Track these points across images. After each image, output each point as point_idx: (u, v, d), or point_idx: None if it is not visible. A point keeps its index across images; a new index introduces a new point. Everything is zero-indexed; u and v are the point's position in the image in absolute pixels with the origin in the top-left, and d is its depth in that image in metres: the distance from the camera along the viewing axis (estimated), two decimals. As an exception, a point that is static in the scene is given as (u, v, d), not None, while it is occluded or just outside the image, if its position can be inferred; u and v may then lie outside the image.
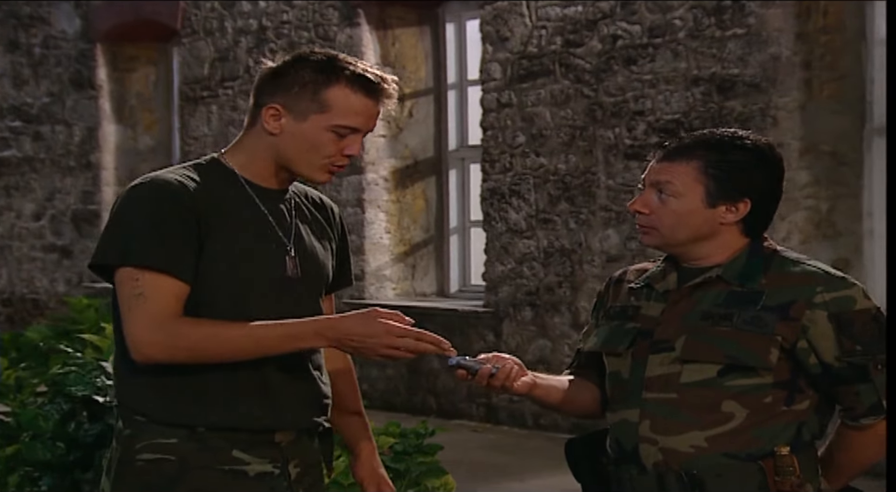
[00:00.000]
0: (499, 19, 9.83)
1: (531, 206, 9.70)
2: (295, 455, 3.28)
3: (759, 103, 8.49)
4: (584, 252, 9.40)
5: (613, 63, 9.21)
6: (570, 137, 9.45)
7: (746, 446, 3.08)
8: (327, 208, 3.46)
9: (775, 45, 8.45)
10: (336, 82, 3.19)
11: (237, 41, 11.80)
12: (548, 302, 9.62)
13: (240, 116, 11.77)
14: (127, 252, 3.14)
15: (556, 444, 9.36)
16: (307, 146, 3.22)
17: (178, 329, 3.12)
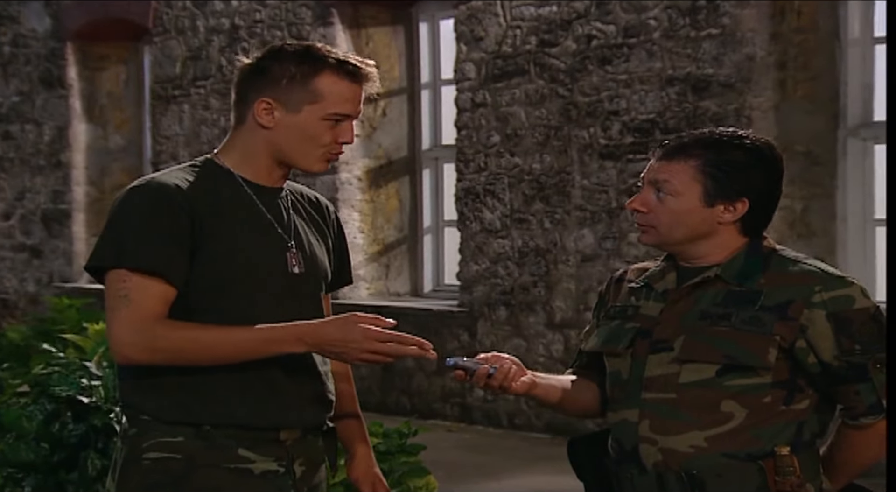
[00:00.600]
0: (473, 19, 9.84)
1: (506, 205, 9.71)
2: (300, 454, 3.29)
3: (734, 103, 8.52)
4: (558, 252, 9.42)
5: (588, 63, 9.22)
6: (544, 136, 9.46)
7: (746, 445, 3.08)
8: (323, 207, 3.47)
9: (750, 46, 8.48)
10: (323, 71, 3.22)
11: (209, 40, 11.76)
12: (522, 301, 9.63)
13: (212, 116, 11.75)
14: (117, 254, 3.17)
15: (530, 444, 9.43)
16: (304, 137, 3.24)
17: (157, 332, 3.13)
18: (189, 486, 3.19)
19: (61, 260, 13.23)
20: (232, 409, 3.21)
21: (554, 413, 9.45)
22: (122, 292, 3.14)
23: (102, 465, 4.56)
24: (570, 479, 8.87)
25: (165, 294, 3.15)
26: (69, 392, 4.61)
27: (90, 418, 4.62)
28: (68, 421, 4.62)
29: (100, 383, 4.65)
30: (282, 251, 3.28)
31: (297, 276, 3.28)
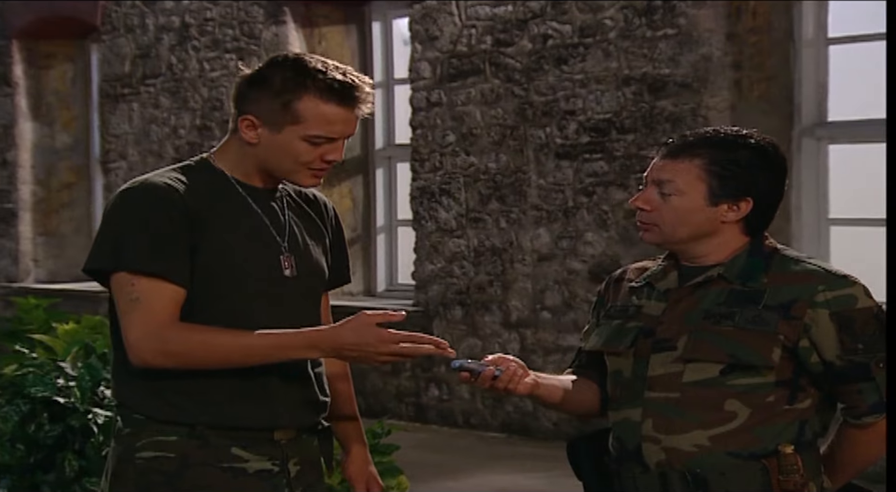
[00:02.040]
0: (428, 18, 9.83)
1: (461, 205, 9.71)
2: (295, 453, 3.28)
3: (691, 103, 8.56)
4: (514, 251, 9.43)
5: (544, 62, 9.24)
6: (500, 136, 9.47)
7: (749, 444, 3.09)
8: (320, 203, 3.45)
9: (706, 46, 8.53)
10: (305, 93, 3.16)
11: (159, 38, 11.69)
12: (478, 301, 9.64)
13: (162, 114, 11.69)
14: (120, 257, 3.15)
15: (486, 443, 9.44)
16: (285, 156, 3.21)
17: (171, 335, 3.12)
18: (183, 485, 3.18)
19: (7, 260, 13.11)
20: (225, 410, 3.20)
21: (508, 412, 9.49)
22: (133, 295, 3.13)
23: (80, 466, 4.53)
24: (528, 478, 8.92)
25: (175, 295, 3.15)
26: (45, 393, 4.57)
27: (67, 418, 4.58)
28: (44, 422, 4.58)
29: (75, 384, 4.62)
30: (275, 254, 3.27)
31: (290, 279, 3.27)
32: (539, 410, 9.33)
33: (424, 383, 9.83)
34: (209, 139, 11.36)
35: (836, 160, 8.46)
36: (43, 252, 13.06)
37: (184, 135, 11.56)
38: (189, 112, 11.50)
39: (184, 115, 11.54)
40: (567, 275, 9.15)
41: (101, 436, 4.55)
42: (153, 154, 11.81)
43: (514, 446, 9.25)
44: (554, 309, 9.23)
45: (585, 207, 9.04)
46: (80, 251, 13.07)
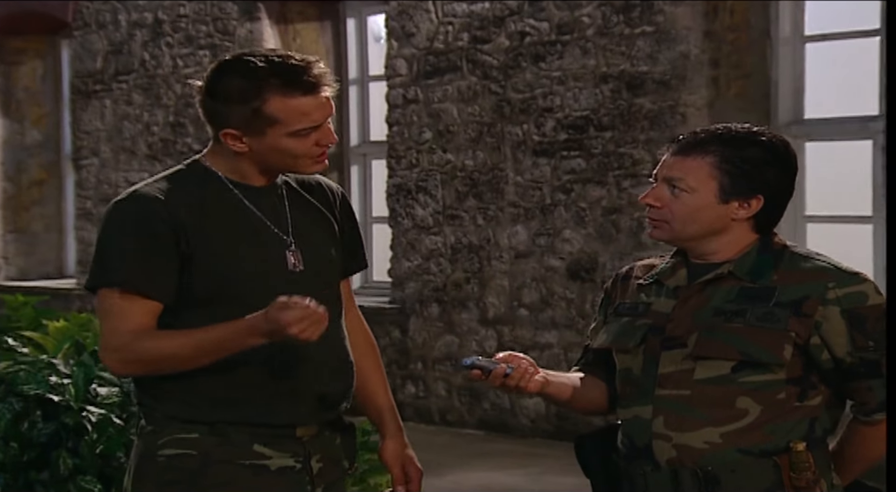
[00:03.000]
0: (404, 15, 9.82)
1: (438, 202, 9.70)
2: (317, 450, 3.27)
3: (669, 101, 8.58)
4: (492, 248, 9.43)
5: (521, 60, 9.24)
6: (477, 133, 9.47)
7: (760, 441, 3.10)
8: (326, 189, 3.40)
9: (684, 43, 8.55)
10: (268, 96, 3.12)
11: (132, 34, 11.63)
12: (455, 298, 9.63)
13: (135, 111, 11.63)
14: (102, 274, 3.20)
15: (464, 440, 9.44)
16: (279, 155, 3.19)
17: (133, 345, 3.15)
18: (204, 482, 3.18)
19: (-23, 257, 13.04)
20: (247, 408, 3.20)
21: (485, 410, 9.49)
22: (107, 308, 3.19)
23: (74, 464, 4.51)
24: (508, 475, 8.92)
25: (148, 309, 3.17)
26: (38, 391, 4.55)
27: (61, 416, 4.56)
28: (38, 420, 4.56)
29: (69, 382, 4.59)
30: (280, 251, 3.24)
31: (299, 274, 3.24)
32: (516, 407, 9.34)
33: (401, 380, 9.82)
34: (183, 136, 11.32)
35: (812, 158, 8.50)
36: (13, 249, 12.98)
37: (157, 132, 11.51)
38: (162, 109, 11.45)
39: (157, 112, 11.49)
40: (545, 272, 9.16)
41: (94, 434, 4.53)
42: (126, 151, 11.76)
43: (491, 443, 9.25)
44: (531, 306, 9.23)
45: (563, 205, 9.05)
46: (50, 249, 13.02)
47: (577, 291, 9.01)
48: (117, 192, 11.82)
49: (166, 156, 11.43)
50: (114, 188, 11.88)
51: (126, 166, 11.76)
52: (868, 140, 8.21)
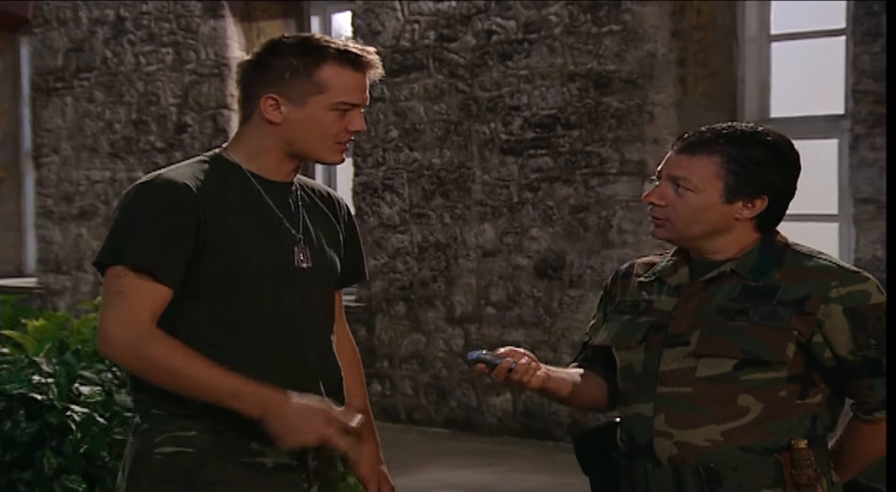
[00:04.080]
0: (370, 13, 9.81)
1: (405, 200, 9.70)
2: (313, 448, 3.25)
3: (636, 99, 8.61)
4: (459, 246, 9.43)
5: (488, 58, 9.25)
6: (444, 131, 9.47)
7: (762, 439, 3.11)
8: (334, 201, 3.45)
9: (651, 42, 8.58)
10: (325, 61, 3.21)
11: (93, 32, 11.56)
12: (422, 296, 9.63)
13: (97, 108, 11.57)
14: (118, 252, 3.15)
15: (430, 438, 9.44)
16: (313, 129, 3.23)
17: (145, 342, 3.12)
18: (201, 480, 3.17)
19: (-65, 255, 12.94)
20: None
21: (452, 408, 9.50)
22: (117, 288, 3.14)
23: (58, 464, 4.48)
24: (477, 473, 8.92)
25: (159, 295, 3.15)
26: (21, 390, 4.51)
27: (44, 415, 4.53)
28: (21, 419, 4.52)
29: (52, 381, 4.56)
30: (289, 246, 3.27)
31: (305, 270, 3.26)
32: (483, 405, 9.35)
33: (367, 378, 9.78)
34: (145, 134, 11.27)
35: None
36: (-28, 247, 12.90)
37: (119, 129, 11.45)
38: (124, 106, 11.39)
39: (119, 110, 11.43)
40: (512, 270, 9.17)
41: (78, 433, 4.50)
42: (87, 149, 11.69)
43: (458, 441, 9.26)
44: (498, 304, 9.24)
45: (530, 203, 9.06)
46: (9, 247, 12.93)
47: (545, 289, 9.02)
48: (78, 190, 11.80)
49: (129, 154, 11.38)
50: (75, 186, 11.82)
51: (88, 164, 11.70)
52: (834, 139, 8.27)
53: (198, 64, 10.91)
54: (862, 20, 7.70)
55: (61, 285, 12.01)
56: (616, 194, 8.69)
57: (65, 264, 12.00)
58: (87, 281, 11.81)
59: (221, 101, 10.79)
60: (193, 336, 3.18)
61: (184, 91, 11.00)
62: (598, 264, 8.79)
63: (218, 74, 10.80)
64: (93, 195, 11.71)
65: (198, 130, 10.89)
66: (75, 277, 11.92)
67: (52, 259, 12.10)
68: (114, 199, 11.48)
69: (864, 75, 7.71)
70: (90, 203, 11.74)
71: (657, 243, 8.65)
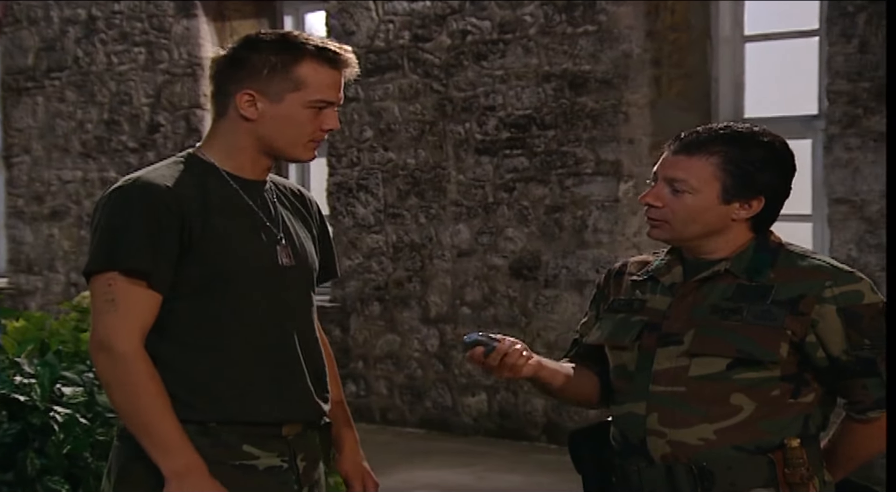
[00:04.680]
0: (344, 13, 9.80)
1: (379, 201, 9.69)
2: (301, 449, 3.26)
3: (611, 99, 8.63)
4: (434, 247, 9.43)
5: (463, 58, 9.25)
6: (419, 131, 9.47)
7: (755, 438, 3.11)
8: (306, 199, 3.44)
9: (626, 43, 8.60)
10: (304, 59, 3.21)
11: (64, 31, 11.51)
12: (397, 296, 9.62)
13: (68, 108, 11.53)
14: (110, 258, 3.13)
15: (405, 439, 9.43)
16: (288, 126, 3.22)
17: (134, 359, 3.10)
18: None
19: None
20: (236, 405, 3.19)
21: (427, 408, 9.49)
22: (109, 296, 3.13)
23: (41, 464, 4.46)
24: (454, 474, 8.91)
25: (152, 301, 3.14)
26: (2, 390, 4.49)
27: (27, 416, 4.50)
28: (3, 420, 4.49)
29: (35, 381, 4.53)
30: (272, 245, 3.25)
31: (288, 269, 3.26)
32: (458, 405, 9.35)
33: (342, 379, 9.77)
34: (117, 134, 11.23)
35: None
36: (-58, 248, 12.81)
37: (91, 129, 11.41)
38: (96, 106, 11.34)
39: (91, 110, 11.38)
40: (487, 270, 9.17)
41: (61, 434, 4.48)
42: (58, 149, 11.64)
43: (433, 441, 9.25)
44: (474, 304, 9.24)
45: (506, 203, 9.07)
46: (-21, 248, 12.85)
47: (520, 289, 9.03)
48: (49, 190, 11.74)
49: (100, 153, 11.34)
50: (46, 186, 11.77)
51: (59, 164, 11.64)
52: (808, 139, 8.30)
53: (170, 63, 10.88)
54: (836, 21, 7.73)
55: (32, 286, 11.95)
56: (591, 194, 8.70)
57: (36, 265, 11.94)
58: (58, 281, 11.76)
59: (194, 101, 10.76)
60: (180, 338, 3.17)
61: (156, 91, 10.96)
62: (573, 264, 8.80)
63: (191, 74, 10.78)
64: (64, 195, 11.66)
65: (170, 130, 10.85)
66: (46, 278, 11.87)
67: (22, 260, 12.04)
68: (85, 199, 11.44)
69: (838, 76, 7.74)
70: (61, 203, 11.69)
71: (631, 243, 8.68)
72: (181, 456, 3.10)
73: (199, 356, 3.18)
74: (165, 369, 3.14)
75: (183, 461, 3.10)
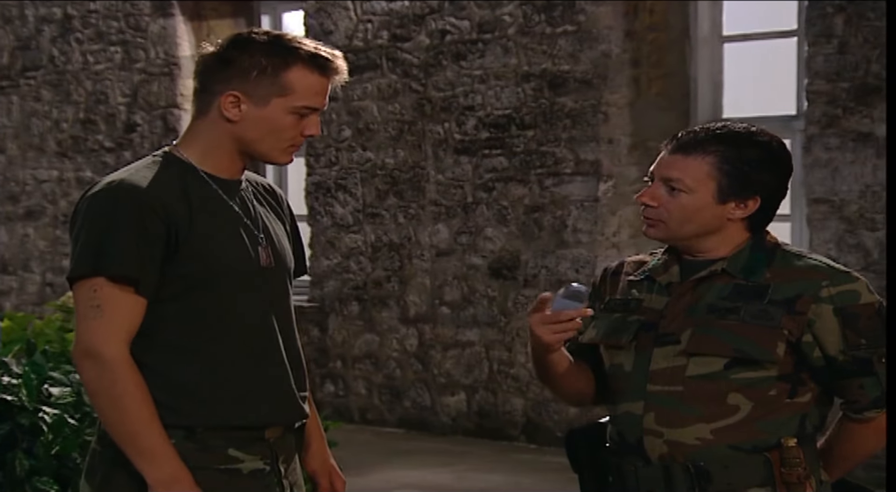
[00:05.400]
0: (322, 12, 9.78)
1: (358, 200, 9.68)
2: (282, 451, 3.25)
3: (591, 100, 8.64)
4: (413, 246, 9.42)
5: (442, 58, 9.25)
6: (398, 131, 9.46)
7: (752, 437, 3.12)
8: (277, 195, 3.42)
9: (605, 43, 8.61)
10: (294, 64, 3.15)
11: (40, 30, 11.46)
12: (375, 296, 9.62)
13: (44, 107, 11.48)
14: (97, 263, 3.10)
15: (383, 438, 9.42)
16: (270, 130, 3.18)
17: (121, 365, 3.08)
18: None
19: None
20: (222, 409, 3.17)
21: (406, 408, 9.49)
22: (94, 302, 3.10)
23: (31, 465, 4.44)
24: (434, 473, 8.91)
25: (139, 306, 3.11)
26: (-11, 391, 4.47)
27: (16, 417, 4.48)
28: (-10, 421, 4.48)
29: (22, 382, 4.51)
30: (253, 246, 3.23)
31: (269, 269, 3.24)
32: (437, 405, 9.35)
33: (320, 379, 9.79)
34: (94, 133, 11.19)
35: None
36: (-85, 248, 12.74)
37: (66, 128, 11.36)
38: (72, 105, 11.30)
39: (66, 109, 11.34)
40: (466, 270, 9.18)
41: (50, 435, 4.46)
42: (34, 148, 11.59)
43: (412, 441, 9.25)
44: (453, 304, 9.25)
45: (485, 203, 9.07)
46: (-47, 248, 12.79)
47: (499, 289, 9.03)
48: (24, 190, 11.69)
49: (76, 153, 11.30)
50: (21, 186, 11.72)
51: (34, 163, 11.59)
52: (787, 139, 8.32)
53: (147, 63, 10.85)
54: (815, 22, 7.76)
55: (7, 286, 11.90)
56: (571, 194, 8.72)
57: (11, 265, 11.89)
58: (33, 282, 11.71)
59: (171, 101, 10.72)
60: (164, 342, 3.15)
61: (133, 90, 10.92)
62: (552, 264, 8.82)
63: (168, 73, 10.74)
64: (39, 195, 11.61)
65: (147, 130, 10.82)
66: (21, 278, 11.82)
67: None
68: (61, 199, 11.39)
69: (817, 76, 7.77)
70: (37, 203, 11.64)
71: (611, 243, 8.70)
72: (166, 465, 3.08)
73: (183, 360, 3.16)
74: (150, 373, 3.11)
75: (168, 470, 3.08)
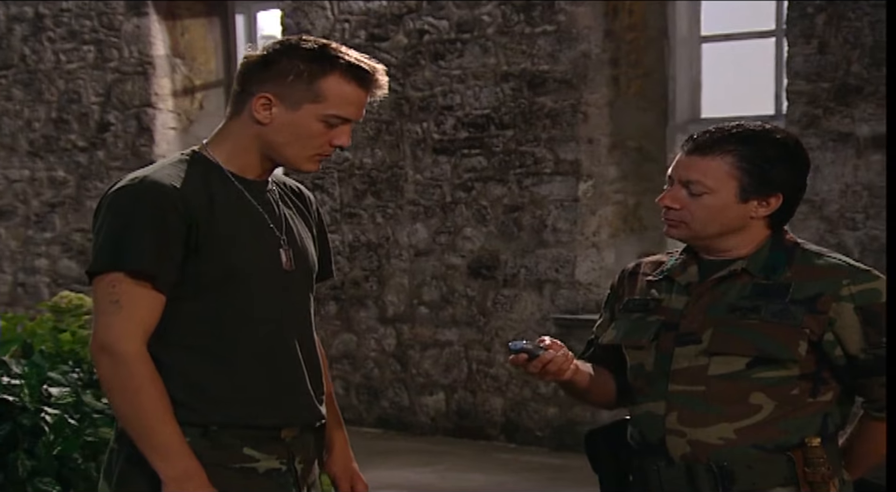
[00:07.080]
0: (299, 12, 9.76)
1: (335, 200, 9.66)
2: (298, 451, 3.24)
3: (570, 99, 8.66)
4: (391, 246, 9.42)
5: (420, 58, 9.24)
6: (376, 131, 9.45)
7: (775, 437, 3.12)
8: (306, 197, 3.40)
9: (585, 43, 8.63)
10: (332, 72, 3.13)
11: (11, 29, 11.38)
12: (353, 296, 9.60)
13: (15, 106, 11.41)
14: (116, 259, 3.09)
15: (362, 438, 9.39)
16: (298, 136, 3.16)
17: (138, 359, 3.07)
18: None
19: None
20: (238, 408, 3.16)
21: (384, 408, 9.48)
22: (113, 297, 3.09)
23: (32, 466, 4.41)
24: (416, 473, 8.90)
25: (157, 303, 3.10)
26: (-9, 391, 4.44)
27: (17, 417, 4.45)
28: (-9, 421, 4.44)
29: (23, 382, 4.48)
30: (275, 248, 3.22)
31: (290, 272, 3.23)
32: (416, 405, 9.34)
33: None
34: (66, 133, 11.12)
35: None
36: None
37: (38, 128, 11.29)
38: (44, 105, 11.23)
39: (38, 108, 11.26)
40: (445, 270, 9.17)
41: (51, 435, 4.44)
42: (5, 147, 11.51)
43: (391, 441, 9.24)
44: (431, 304, 9.24)
45: (464, 203, 9.07)
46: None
47: (479, 288, 9.04)
48: (-5, 189, 11.61)
49: (48, 152, 11.23)
50: (-8, 185, 11.65)
51: (6, 163, 11.52)
52: (765, 139, 8.37)
53: (120, 62, 10.79)
54: (796, 22, 7.80)
55: (-23, 286, 11.82)
56: (550, 194, 8.73)
57: (-19, 265, 11.81)
58: (4, 281, 11.63)
59: (145, 100, 10.66)
60: (182, 340, 3.14)
61: (106, 89, 10.86)
62: (532, 264, 8.82)
63: (142, 73, 10.69)
64: (11, 195, 11.53)
65: (121, 129, 10.75)
66: (-8, 278, 11.75)
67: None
68: (33, 198, 11.33)
69: (797, 77, 7.81)
70: (8, 202, 11.56)
71: (591, 243, 8.71)
72: (180, 462, 3.07)
73: (200, 359, 3.15)
74: (167, 371, 3.10)
75: (181, 467, 3.07)
